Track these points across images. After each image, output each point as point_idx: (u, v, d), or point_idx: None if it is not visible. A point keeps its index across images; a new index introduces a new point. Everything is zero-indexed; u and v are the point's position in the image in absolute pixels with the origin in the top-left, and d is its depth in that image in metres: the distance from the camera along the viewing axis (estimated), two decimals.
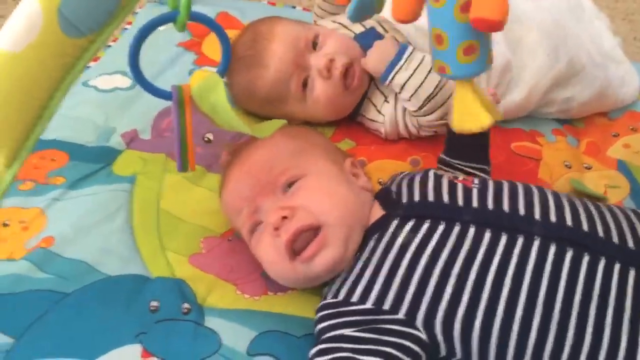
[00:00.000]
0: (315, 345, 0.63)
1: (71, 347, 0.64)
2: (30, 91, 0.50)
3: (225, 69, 0.67)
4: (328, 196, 0.69)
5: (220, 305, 0.71)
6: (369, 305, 0.63)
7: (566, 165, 0.96)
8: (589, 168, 0.97)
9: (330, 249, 0.66)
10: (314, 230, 0.67)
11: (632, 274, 0.60)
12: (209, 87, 0.61)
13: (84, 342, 0.64)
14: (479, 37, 0.51)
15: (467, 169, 0.84)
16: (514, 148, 0.99)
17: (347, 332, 0.62)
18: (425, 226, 0.66)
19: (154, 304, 0.69)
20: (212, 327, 0.68)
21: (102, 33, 0.51)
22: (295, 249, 0.66)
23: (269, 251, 0.69)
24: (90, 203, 0.82)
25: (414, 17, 0.53)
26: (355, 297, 0.65)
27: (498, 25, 0.47)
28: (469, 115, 0.56)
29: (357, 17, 0.68)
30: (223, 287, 0.73)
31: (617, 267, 0.61)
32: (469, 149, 0.84)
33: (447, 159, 0.85)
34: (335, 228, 0.67)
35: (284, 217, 0.66)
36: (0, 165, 0.52)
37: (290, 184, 0.70)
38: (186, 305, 0.69)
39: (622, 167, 0.97)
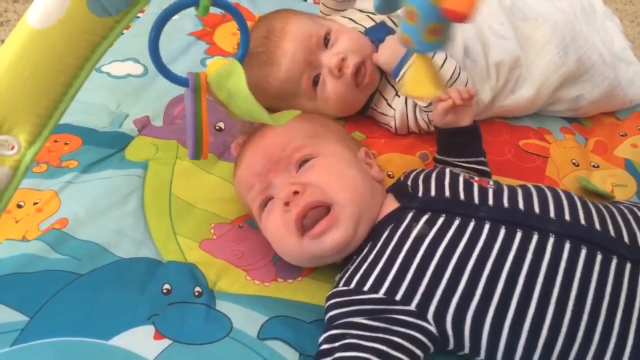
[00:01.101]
0: (325, 331, 0.64)
1: (85, 327, 0.64)
2: (57, 67, 0.51)
3: (244, 56, 0.67)
4: (340, 176, 0.70)
5: (231, 290, 0.72)
6: (380, 294, 0.64)
7: (574, 164, 0.97)
8: (596, 167, 0.98)
9: (340, 229, 0.67)
10: (325, 208, 0.67)
11: None
12: (227, 74, 0.62)
13: (98, 322, 0.65)
14: (446, 22, 0.55)
15: (464, 164, 0.84)
16: (523, 145, 1.00)
17: (357, 320, 0.63)
18: (441, 220, 0.66)
19: (167, 286, 0.69)
20: (223, 311, 0.68)
21: (129, 13, 0.52)
22: (304, 225, 0.67)
23: (278, 226, 0.69)
24: (103, 187, 0.82)
25: None
26: (367, 286, 0.65)
27: (464, 18, 0.51)
28: (422, 84, 0.59)
29: (384, 9, 0.68)
30: (233, 273, 0.74)
31: (628, 266, 0.61)
32: (461, 145, 0.85)
33: (443, 158, 0.86)
34: (345, 208, 0.67)
35: (295, 192, 0.67)
36: (23, 142, 0.53)
37: (303, 162, 0.71)
38: (198, 288, 0.70)
39: (630, 166, 0.98)
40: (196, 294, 0.69)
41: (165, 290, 0.69)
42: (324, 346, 0.62)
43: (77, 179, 0.83)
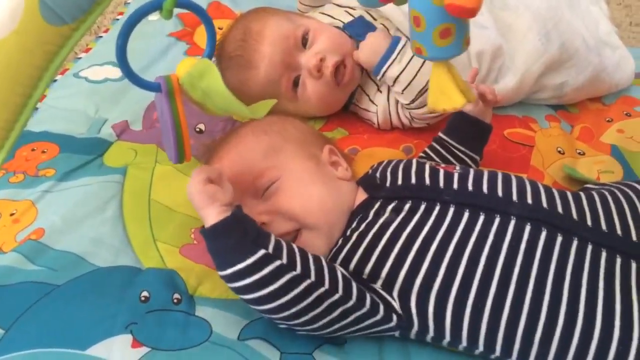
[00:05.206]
0: None
1: (61, 338, 0.64)
2: (14, 79, 0.50)
3: (211, 55, 0.66)
4: (303, 200, 0.70)
5: (212, 295, 0.71)
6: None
7: (559, 152, 0.96)
8: (582, 154, 0.97)
9: (313, 248, 0.67)
10: (294, 232, 0.68)
11: (603, 255, 0.61)
12: (199, 74, 0.61)
13: (74, 333, 0.64)
14: (455, 21, 0.51)
15: (459, 153, 0.85)
16: (507, 135, 0.99)
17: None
18: (407, 206, 0.67)
19: (145, 294, 0.69)
20: (203, 317, 0.68)
21: (85, 21, 0.51)
22: None
23: None
24: (80, 195, 0.81)
25: None
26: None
27: (471, 12, 0.48)
28: (444, 95, 0.56)
29: (367, 2, 0.66)
30: (214, 278, 0.73)
31: (589, 248, 0.62)
32: (469, 134, 0.86)
33: (444, 137, 0.86)
34: (313, 231, 0.69)
35: (263, 223, 0.67)
36: None
37: (267, 187, 0.71)
38: (177, 295, 0.69)
39: (616, 152, 0.97)
40: (175, 300, 0.69)
41: (143, 298, 0.68)
42: None
43: (54, 188, 0.82)
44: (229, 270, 0.58)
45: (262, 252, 0.58)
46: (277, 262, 0.58)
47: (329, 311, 0.60)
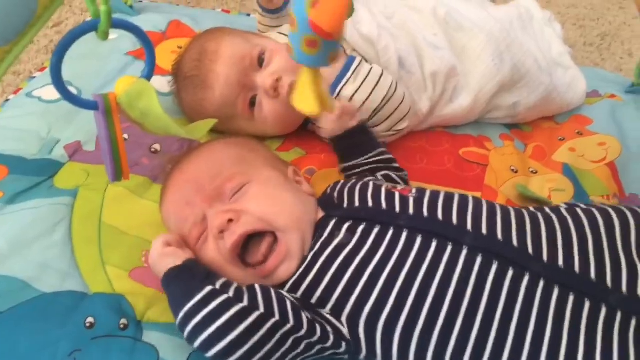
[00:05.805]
0: None
1: None
2: None
3: (150, 75, 0.66)
4: (275, 201, 0.70)
5: (161, 320, 0.70)
6: (298, 295, 0.65)
7: (512, 170, 0.98)
8: (534, 172, 0.99)
9: (292, 260, 0.67)
10: (270, 235, 0.67)
11: (555, 291, 0.60)
12: (137, 94, 0.61)
13: None
14: (319, 36, 0.54)
15: (368, 161, 0.86)
16: (462, 154, 1.00)
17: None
18: (361, 228, 0.67)
19: (90, 320, 0.67)
20: (150, 342, 0.67)
21: (19, 43, 0.50)
22: (254, 259, 0.67)
23: (215, 256, 0.68)
24: (28, 218, 0.80)
25: None
26: (286, 288, 0.67)
27: (326, 35, 0.51)
28: (304, 98, 0.58)
29: None
30: (164, 301, 0.71)
31: (541, 283, 0.61)
32: (360, 143, 0.88)
33: (349, 164, 0.88)
34: (288, 234, 0.68)
35: (230, 220, 0.66)
36: None
37: (236, 192, 0.70)
38: (124, 320, 0.68)
39: (567, 170, 0.99)
40: (122, 326, 0.67)
41: (88, 324, 0.67)
42: None
43: (1, 211, 0.80)
44: (181, 313, 0.59)
45: (208, 288, 0.59)
46: (224, 296, 0.59)
47: (281, 342, 0.60)
